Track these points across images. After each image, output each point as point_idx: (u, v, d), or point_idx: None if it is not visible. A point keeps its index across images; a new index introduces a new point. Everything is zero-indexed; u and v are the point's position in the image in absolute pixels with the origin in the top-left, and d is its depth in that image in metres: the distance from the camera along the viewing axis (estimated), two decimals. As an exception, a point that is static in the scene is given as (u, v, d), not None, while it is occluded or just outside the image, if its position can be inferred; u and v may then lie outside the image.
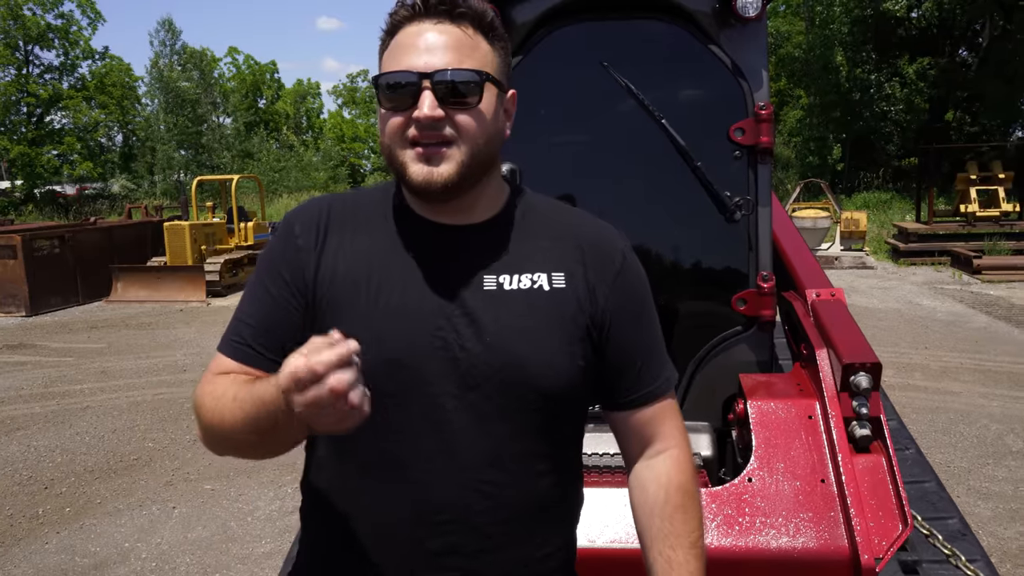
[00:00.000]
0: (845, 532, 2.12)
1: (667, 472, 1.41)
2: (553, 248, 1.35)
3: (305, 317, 1.31)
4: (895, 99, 28.02)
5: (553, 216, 1.41)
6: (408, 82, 1.23)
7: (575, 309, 1.32)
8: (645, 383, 1.40)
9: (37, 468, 6.07)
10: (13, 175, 41.92)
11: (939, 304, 11.91)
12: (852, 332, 2.48)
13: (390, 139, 1.26)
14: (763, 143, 2.68)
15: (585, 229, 1.41)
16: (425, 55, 1.24)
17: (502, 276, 1.30)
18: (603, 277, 1.36)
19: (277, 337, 1.30)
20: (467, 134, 1.25)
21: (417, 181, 1.24)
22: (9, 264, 13.42)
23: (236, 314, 1.35)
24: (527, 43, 2.76)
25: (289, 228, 1.36)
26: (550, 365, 1.29)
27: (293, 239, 1.33)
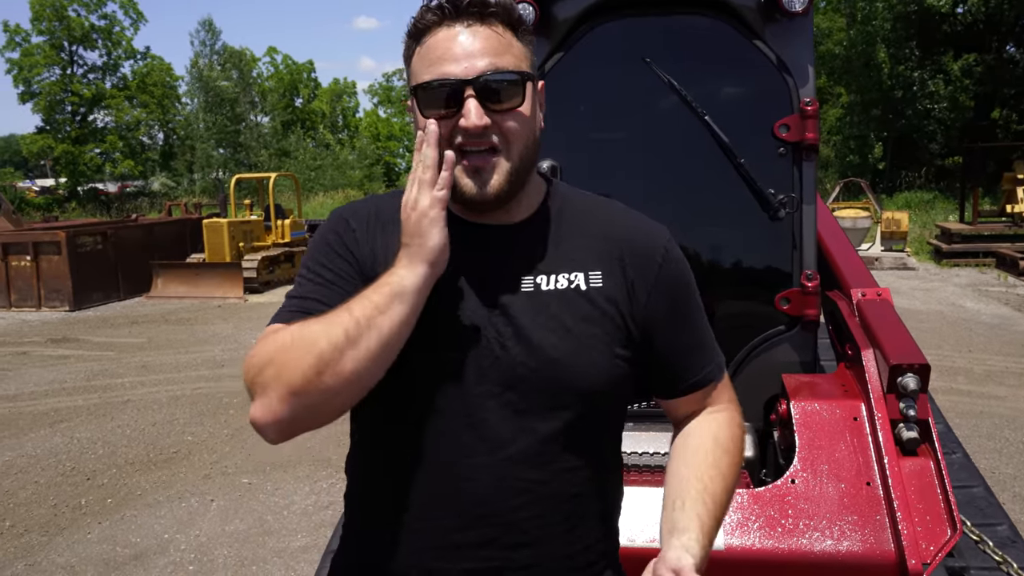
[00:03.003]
0: (891, 536, 2.08)
1: (717, 424, 1.43)
2: (591, 246, 1.35)
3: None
4: (939, 97, 27.44)
5: (590, 212, 1.40)
6: (451, 89, 1.22)
7: (613, 308, 1.32)
8: (695, 373, 1.41)
9: (80, 460, 6.19)
10: (57, 173, 42.91)
11: (983, 306, 11.65)
12: (899, 332, 2.43)
13: (427, 141, 1.24)
14: (809, 139, 2.63)
15: (624, 225, 1.40)
16: (464, 60, 1.22)
17: (539, 276, 1.30)
18: (643, 274, 1.35)
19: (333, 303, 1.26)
20: (514, 139, 1.25)
21: (470, 195, 1.25)
22: (53, 260, 13.71)
23: (293, 293, 1.32)
24: (569, 39, 2.74)
25: (343, 221, 1.36)
26: (588, 364, 1.29)
27: (350, 230, 1.34)
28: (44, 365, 9.56)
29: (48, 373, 9.11)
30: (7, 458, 6.26)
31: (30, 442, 6.64)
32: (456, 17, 1.24)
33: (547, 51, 2.75)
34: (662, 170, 2.77)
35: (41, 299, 13.91)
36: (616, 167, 2.82)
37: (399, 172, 53.39)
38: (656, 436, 2.70)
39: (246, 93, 46.15)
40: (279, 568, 4.36)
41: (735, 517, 2.14)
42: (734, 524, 2.13)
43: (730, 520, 2.14)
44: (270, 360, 1.17)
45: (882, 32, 28.33)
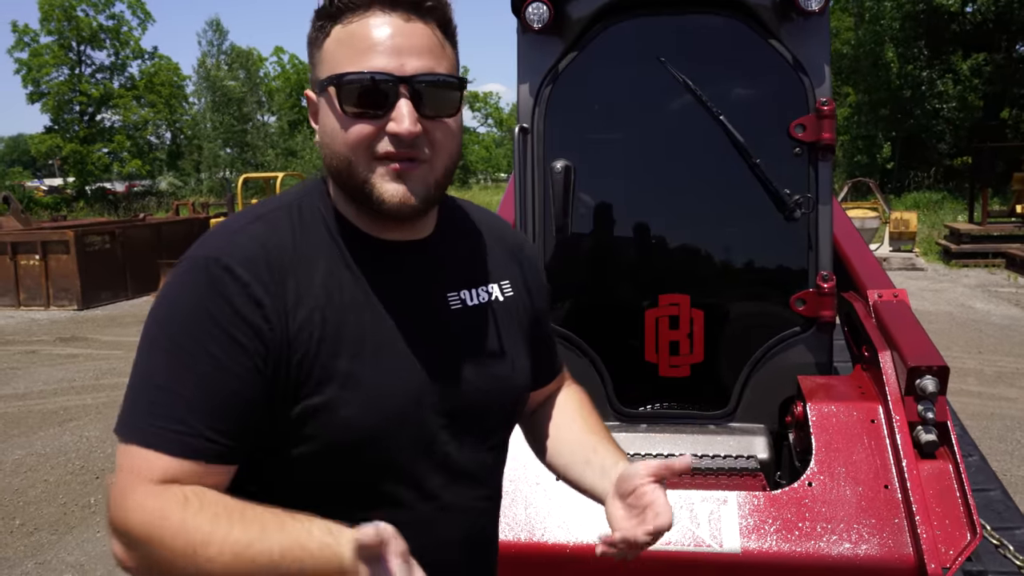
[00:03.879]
0: (910, 540, 2.06)
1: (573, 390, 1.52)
2: (494, 254, 1.32)
3: (275, 386, 1.06)
4: (948, 96, 27.29)
5: (479, 219, 1.36)
6: (383, 85, 1.06)
7: (524, 315, 1.34)
8: (556, 362, 1.50)
9: (89, 458, 6.20)
10: (65, 172, 43.05)
11: (993, 307, 11.58)
12: (917, 334, 2.41)
13: (352, 150, 1.09)
14: (825, 139, 2.61)
15: (508, 230, 1.43)
16: (399, 56, 1.07)
17: (462, 292, 1.24)
18: (534, 277, 1.39)
19: (235, 419, 1.04)
20: (443, 150, 1.13)
21: (392, 203, 1.09)
22: (62, 259, 13.74)
23: (156, 394, 1.03)
24: (583, 39, 2.72)
25: (230, 275, 1.05)
26: (520, 376, 1.31)
27: (242, 290, 1.04)
28: (53, 364, 9.58)
29: (57, 372, 9.13)
30: (17, 456, 6.27)
31: (39, 440, 6.65)
32: (391, 6, 1.08)
33: (561, 51, 2.73)
34: (676, 170, 2.76)
35: (50, 298, 13.94)
36: (630, 167, 2.80)
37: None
38: (673, 438, 2.69)
39: (253, 93, 46.24)
40: (288, 568, 4.36)
41: (752, 520, 2.13)
42: (751, 527, 2.12)
43: (747, 523, 2.13)
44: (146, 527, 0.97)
45: (890, 31, 28.20)
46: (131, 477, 1.01)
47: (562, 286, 2.84)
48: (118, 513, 1.00)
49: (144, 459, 1.01)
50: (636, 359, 2.75)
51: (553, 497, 2.24)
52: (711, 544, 2.10)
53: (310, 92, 1.16)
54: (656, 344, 2.73)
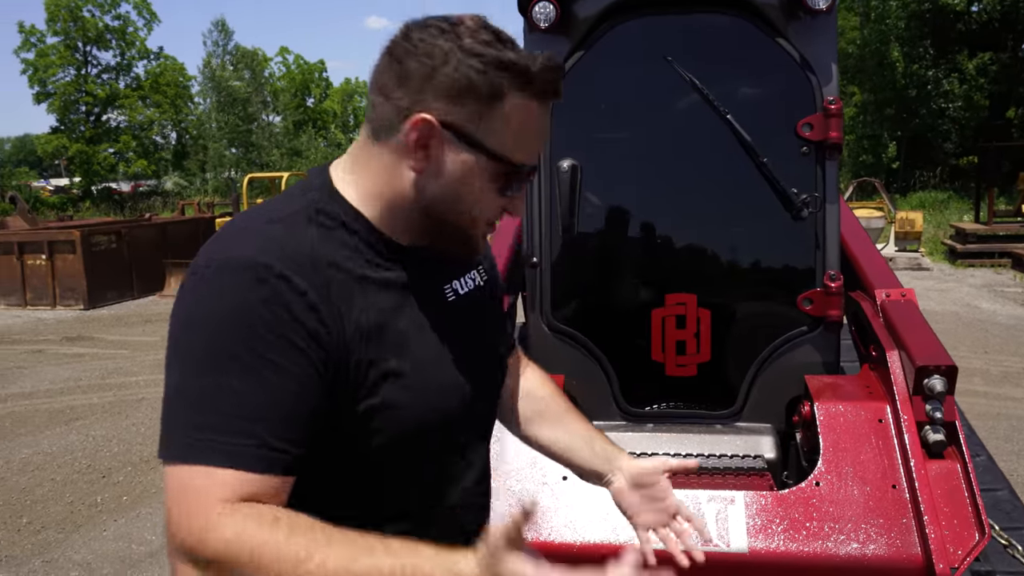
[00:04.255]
0: (918, 540, 2.05)
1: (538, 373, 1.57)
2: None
3: (335, 389, 1.06)
4: (953, 96, 27.23)
5: None
6: (529, 175, 1.16)
7: (498, 294, 1.42)
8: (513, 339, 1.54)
9: (95, 457, 6.21)
10: (71, 172, 43.16)
11: (999, 307, 11.54)
12: (925, 334, 2.40)
13: (483, 214, 1.15)
14: (832, 138, 2.61)
15: None
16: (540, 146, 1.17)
17: (453, 282, 1.25)
18: (489, 254, 1.43)
19: (301, 427, 1.03)
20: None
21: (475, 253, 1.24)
22: (68, 259, 13.77)
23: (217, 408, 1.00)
24: (589, 38, 2.72)
25: (286, 283, 1.03)
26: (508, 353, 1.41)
27: (299, 297, 1.03)
28: (59, 363, 9.61)
29: (63, 371, 9.16)
30: (24, 455, 6.29)
31: (46, 439, 6.67)
32: (553, 96, 1.12)
33: (567, 50, 2.73)
34: (683, 170, 2.75)
35: (56, 297, 13.98)
36: (636, 167, 2.80)
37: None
38: (680, 437, 2.68)
39: (258, 93, 46.27)
40: (294, 567, 4.36)
41: (759, 520, 2.13)
42: (758, 526, 2.11)
43: (754, 523, 2.12)
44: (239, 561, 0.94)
45: (896, 31, 28.13)
46: (203, 498, 0.96)
47: (568, 285, 2.84)
48: (192, 537, 0.96)
49: (214, 478, 0.97)
50: (642, 358, 2.74)
51: (560, 496, 2.24)
52: (718, 544, 2.10)
53: (430, 117, 1.07)
54: (663, 343, 2.72)
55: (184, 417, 1.01)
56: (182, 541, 0.97)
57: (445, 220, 1.14)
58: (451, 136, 1.08)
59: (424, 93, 1.06)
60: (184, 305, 1.06)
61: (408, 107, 1.07)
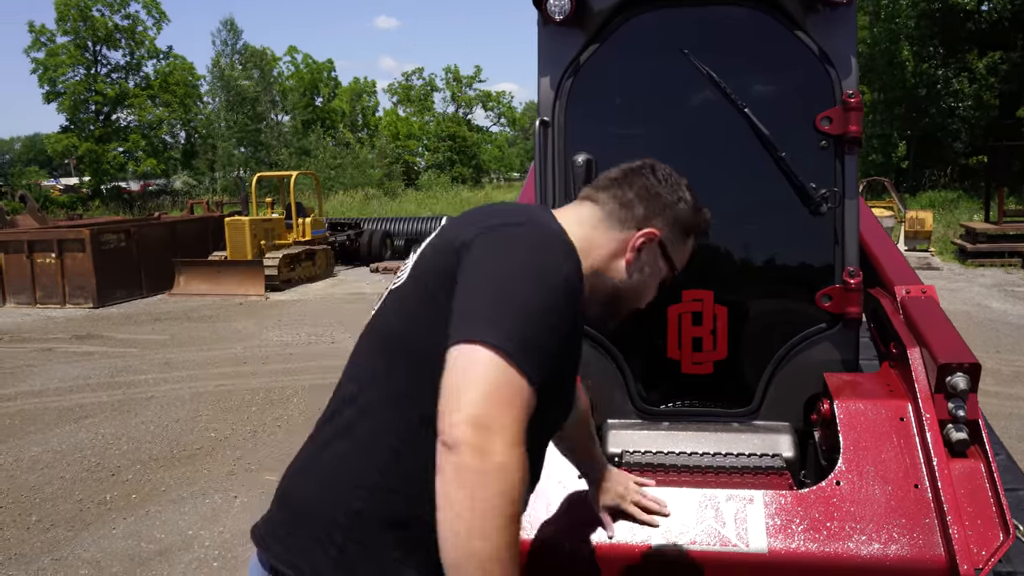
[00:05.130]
0: (941, 540, 2.01)
1: None
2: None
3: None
4: (963, 95, 27.07)
5: None
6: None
7: None
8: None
9: (104, 455, 6.21)
10: (81, 171, 43.34)
11: (1010, 307, 11.47)
12: (947, 331, 2.36)
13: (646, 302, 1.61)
14: (852, 132, 2.56)
15: None
16: None
17: None
18: None
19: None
20: None
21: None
22: (78, 257, 13.83)
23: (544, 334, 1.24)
24: (604, 30, 2.68)
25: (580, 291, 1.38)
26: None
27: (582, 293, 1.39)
28: (69, 361, 9.63)
29: (73, 369, 9.18)
30: (33, 453, 6.30)
31: (55, 437, 6.68)
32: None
33: (582, 43, 2.69)
34: (700, 164, 2.70)
35: (65, 296, 14.03)
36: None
37: (418, 171, 53.52)
38: (696, 436, 2.65)
39: (267, 92, 46.35)
40: (304, 566, 4.34)
41: (779, 519, 2.09)
42: (778, 526, 2.08)
43: (773, 522, 2.09)
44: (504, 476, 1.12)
45: (906, 30, 27.99)
46: (517, 400, 1.16)
47: None
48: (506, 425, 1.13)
49: (524, 388, 1.17)
50: (658, 356, 2.70)
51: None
52: (737, 544, 2.06)
53: (657, 233, 1.54)
54: (679, 341, 2.68)
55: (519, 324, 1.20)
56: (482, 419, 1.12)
57: (625, 300, 1.56)
58: (659, 249, 1.55)
59: (659, 215, 1.54)
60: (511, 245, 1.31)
61: (644, 218, 1.53)
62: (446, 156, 54.45)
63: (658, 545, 2.04)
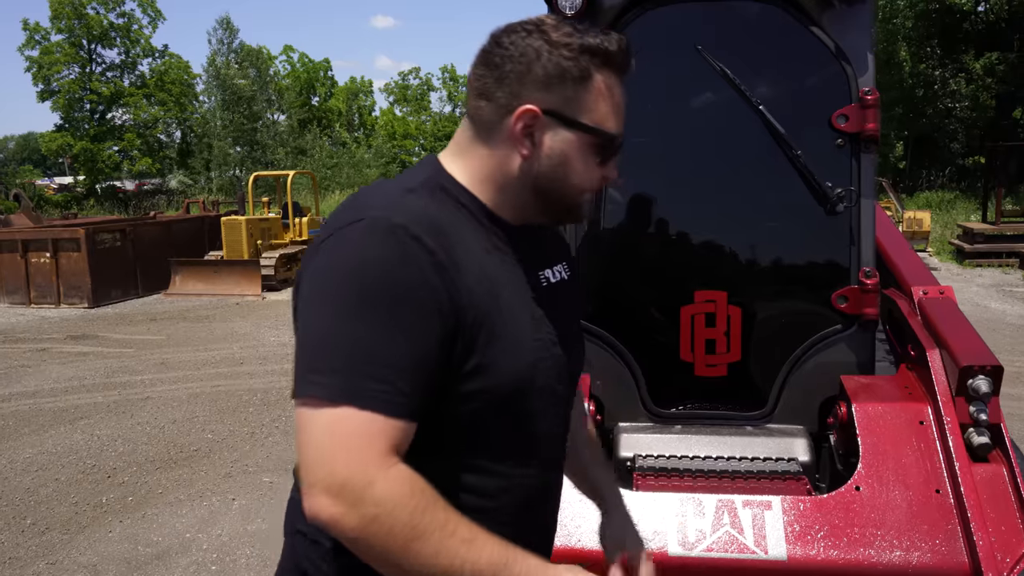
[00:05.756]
0: (965, 546, 1.97)
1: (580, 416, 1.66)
2: (551, 239, 1.47)
3: (453, 347, 1.14)
4: (960, 95, 27.13)
5: None
6: (620, 144, 1.27)
7: (579, 294, 1.51)
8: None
9: (100, 457, 6.14)
10: (76, 170, 43.15)
11: (1008, 307, 11.47)
12: (968, 333, 2.31)
13: (586, 184, 1.27)
14: (869, 130, 2.52)
15: None
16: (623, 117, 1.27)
17: (546, 271, 1.36)
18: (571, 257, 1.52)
19: (426, 379, 1.11)
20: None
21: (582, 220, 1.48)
22: (73, 257, 13.74)
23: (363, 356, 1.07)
24: (616, 26, 2.63)
25: (418, 244, 1.12)
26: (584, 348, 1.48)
27: (429, 256, 1.11)
28: (64, 362, 9.55)
29: (68, 370, 9.10)
30: (28, 455, 6.22)
31: (50, 439, 6.60)
32: (630, 72, 1.27)
33: None
34: (713, 163, 2.66)
35: (60, 296, 13.94)
36: (665, 160, 2.71)
37: (415, 170, 53.36)
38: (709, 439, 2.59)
39: (263, 91, 46.21)
40: (304, 569, 4.28)
41: (798, 526, 2.04)
42: (797, 533, 2.03)
43: (792, 529, 2.04)
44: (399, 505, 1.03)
45: (903, 30, 28.04)
46: (364, 446, 1.04)
47: (594, 282, 2.75)
48: (357, 472, 1.02)
49: (368, 424, 1.04)
50: (671, 358, 2.65)
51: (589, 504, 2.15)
52: (755, 551, 2.01)
53: (535, 108, 1.21)
54: (692, 342, 2.63)
55: (329, 359, 1.07)
56: (332, 483, 1.02)
57: (553, 195, 1.26)
58: (552, 120, 1.21)
59: (524, 88, 1.20)
60: (328, 259, 1.14)
61: (509, 103, 1.21)
62: (442, 155, 54.35)
63: (675, 552, 1.99)
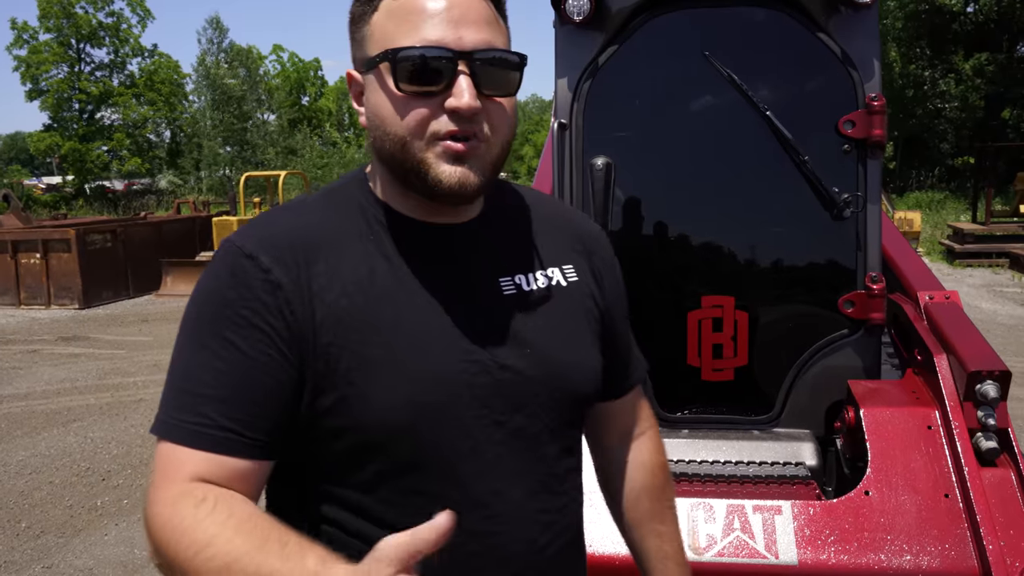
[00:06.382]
0: (974, 551, 1.98)
1: (650, 451, 1.38)
2: (553, 238, 1.23)
3: (303, 375, 1.00)
4: (950, 96, 27.30)
5: (538, 204, 1.27)
6: (442, 60, 0.99)
7: (591, 303, 1.23)
8: (634, 370, 1.37)
9: (94, 459, 6.11)
10: (64, 170, 42.91)
11: (999, 307, 11.54)
12: (974, 337, 2.33)
13: (409, 131, 1.02)
14: (875, 136, 2.53)
15: (574, 217, 1.34)
16: (457, 28, 1.00)
17: (517, 276, 1.15)
18: (604, 266, 1.28)
19: (261, 408, 0.99)
20: (500, 130, 1.06)
21: (449, 184, 1.02)
22: (63, 258, 13.65)
23: (180, 386, 0.99)
24: (624, 31, 2.64)
25: (250, 262, 1.01)
26: (586, 369, 1.20)
27: (261, 275, 1.00)
28: (55, 363, 9.49)
29: (59, 371, 9.04)
30: (21, 458, 6.18)
31: (43, 441, 6.56)
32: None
33: (601, 44, 2.65)
34: (720, 168, 2.67)
35: (50, 297, 13.85)
36: (672, 164, 2.71)
37: (405, 170, 53.36)
38: (716, 443, 2.60)
39: (253, 91, 46.10)
40: (303, 573, 4.27)
41: (808, 530, 2.05)
42: (808, 537, 2.04)
43: (803, 534, 2.05)
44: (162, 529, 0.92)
45: (893, 31, 28.18)
46: (160, 475, 0.97)
47: None
48: (145, 511, 0.96)
49: (172, 456, 0.97)
50: (678, 362, 2.66)
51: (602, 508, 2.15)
52: (766, 555, 2.02)
53: (353, 72, 1.10)
54: (699, 347, 2.64)
55: (163, 395, 1.02)
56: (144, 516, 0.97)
57: (385, 154, 1.06)
58: (362, 77, 1.08)
59: (352, 57, 1.11)
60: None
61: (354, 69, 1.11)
62: (434, 156, 54.37)
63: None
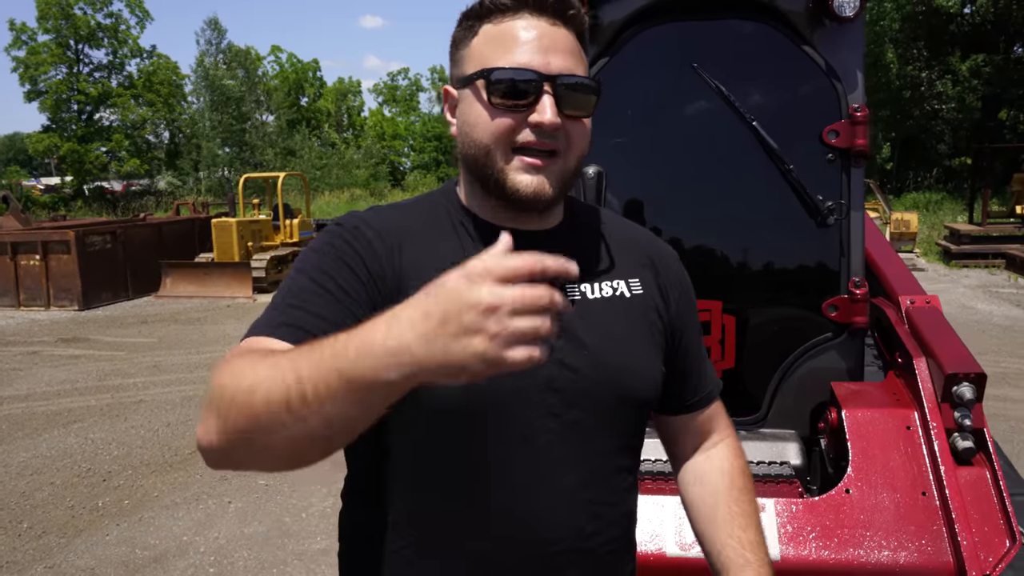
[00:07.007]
0: (950, 546, 2.05)
1: (728, 458, 1.42)
2: (622, 254, 1.33)
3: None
4: (947, 97, 27.38)
5: (609, 222, 1.37)
6: (530, 81, 1.12)
7: (655, 315, 1.31)
8: (705, 385, 1.42)
9: (95, 460, 6.17)
10: (63, 171, 42.94)
11: (995, 308, 11.61)
12: (952, 341, 2.40)
13: (494, 139, 1.15)
14: (859, 145, 2.59)
15: (643, 235, 1.42)
16: (545, 55, 1.14)
17: (583, 284, 1.25)
18: (672, 282, 1.36)
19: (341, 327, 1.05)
20: (576, 146, 1.19)
21: (526, 193, 1.15)
22: (63, 259, 13.70)
23: (285, 300, 1.10)
24: (615, 43, 2.70)
25: (358, 229, 1.18)
26: (643, 375, 1.27)
27: (366, 240, 1.16)
28: (55, 365, 9.55)
29: (59, 373, 9.09)
30: (22, 459, 6.24)
31: (44, 443, 6.62)
32: (539, 10, 1.15)
33: (592, 56, 2.71)
34: (708, 176, 2.73)
35: (50, 298, 13.90)
36: (662, 173, 2.78)
37: (404, 171, 53.40)
38: None
39: (251, 92, 46.14)
40: (300, 571, 4.34)
41: (790, 527, 2.11)
42: (789, 534, 2.10)
43: (785, 530, 2.11)
44: (222, 387, 0.95)
45: (890, 32, 28.25)
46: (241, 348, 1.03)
47: None
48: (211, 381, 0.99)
49: (248, 340, 1.06)
50: None
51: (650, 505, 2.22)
52: None
53: (450, 88, 1.24)
54: None
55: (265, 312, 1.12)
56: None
57: (470, 161, 1.20)
58: (458, 92, 1.22)
59: (451, 75, 1.25)
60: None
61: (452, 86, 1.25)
62: (432, 157, 54.40)
63: (673, 554, 2.06)
